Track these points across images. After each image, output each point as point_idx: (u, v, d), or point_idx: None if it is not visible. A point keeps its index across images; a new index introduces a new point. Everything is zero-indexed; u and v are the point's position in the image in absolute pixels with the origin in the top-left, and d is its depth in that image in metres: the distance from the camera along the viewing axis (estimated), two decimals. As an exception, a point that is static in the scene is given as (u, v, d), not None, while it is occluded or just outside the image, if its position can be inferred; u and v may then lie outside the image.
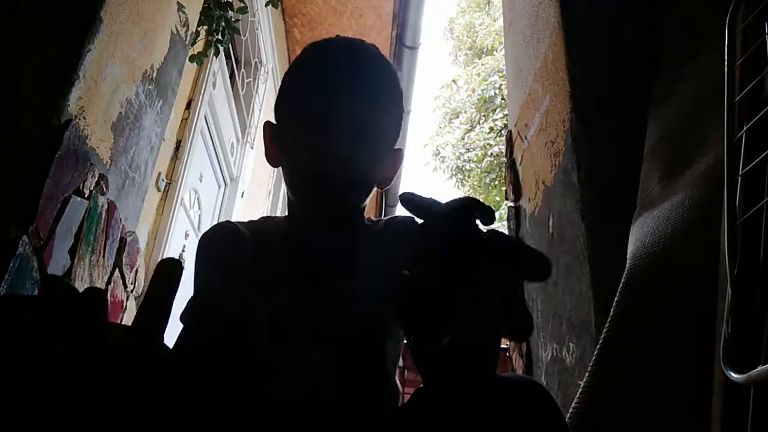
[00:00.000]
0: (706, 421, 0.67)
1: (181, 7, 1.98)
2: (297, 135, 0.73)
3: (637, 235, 0.97)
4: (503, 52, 3.40)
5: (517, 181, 1.73)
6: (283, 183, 1.44)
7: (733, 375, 0.61)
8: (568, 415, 0.87)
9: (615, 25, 1.33)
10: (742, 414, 0.61)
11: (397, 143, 0.81)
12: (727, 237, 0.71)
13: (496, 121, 9.01)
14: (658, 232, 0.90)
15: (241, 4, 2.70)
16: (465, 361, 0.43)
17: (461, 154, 9.65)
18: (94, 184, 1.46)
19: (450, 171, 9.87)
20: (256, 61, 3.80)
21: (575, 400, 0.88)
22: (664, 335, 0.82)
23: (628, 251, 0.98)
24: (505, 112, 7.27)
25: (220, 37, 2.59)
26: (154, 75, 1.80)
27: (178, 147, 2.56)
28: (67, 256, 1.38)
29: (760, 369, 0.57)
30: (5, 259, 1.15)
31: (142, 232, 2.07)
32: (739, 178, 0.72)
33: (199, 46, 2.48)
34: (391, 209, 5.89)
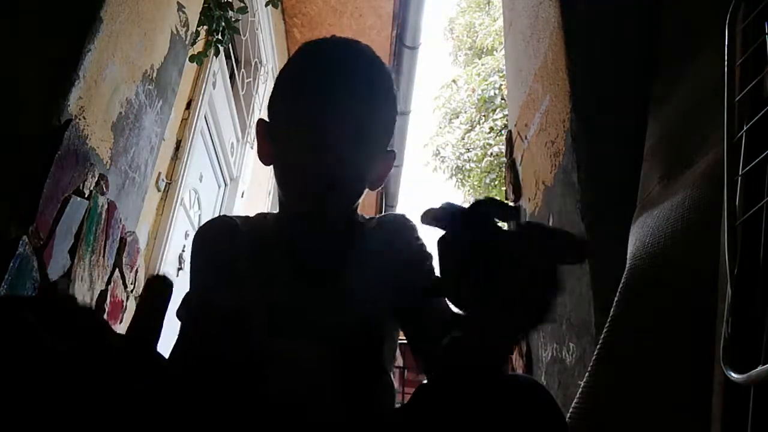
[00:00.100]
0: (706, 421, 0.67)
1: (181, 7, 1.98)
2: (290, 134, 0.73)
3: (637, 235, 0.97)
4: (503, 52, 3.40)
5: (517, 181, 1.73)
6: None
7: (733, 375, 0.61)
8: (568, 415, 0.87)
9: (615, 25, 1.33)
10: (742, 414, 0.61)
11: (392, 144, 0.82)
12: (727, 237, 0.71)
13: (496, 121, 9.00)
14: (658, 232, 0.90)
15: (241, 4, 2.70)
16: (479, 360, 0.44)
17: (461, 154, 9.64)
18: (94, 184, 1.46)
19: (450, 171, 9.86)
20: (256, 61, 3.79)
21: (575, 400, 0.88)
22: (664, 335, 0.82)
23: (628, 251, 0.98)
24: (505, 112, 7.27)
25: (220, 37, 2.59)
26: (154, 75, 1.80)
27: (178, 147, 2.56)
28: (67, 256, 1.38)
29: (760, 369, 0.57)
30: (5, 259, 1.15)
31: (142, 232, 2.07)
32: (739, 178, 0.72)
33: (199, 46, 2.48)
34: (390, 209, 5.89)
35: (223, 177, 3.53)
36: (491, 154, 9.01)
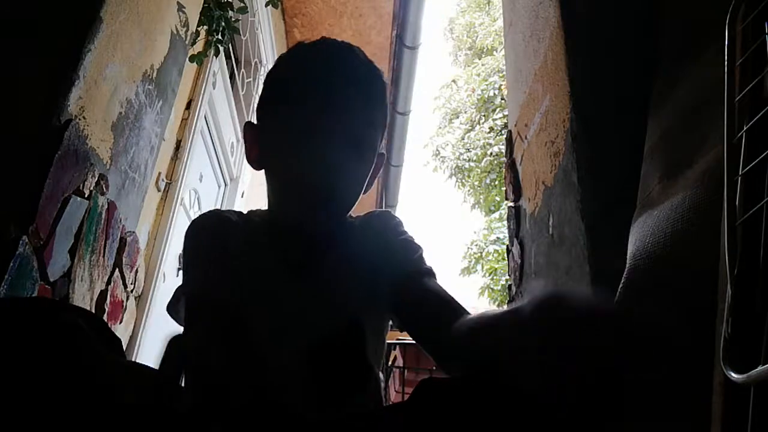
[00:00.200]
0: (706, 421, 0.67)
1: (181, 7, 1.98)
2: (284, 144, 0.72)
3: (637, 235, 0.97)
4: (503, 52, 3.40)
5: (517, 181, 1.73)
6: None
7: (733, 375, 0.61)
8: (568, 415, 0.87)
9: (615, 25, 1.33)
10: (742, 414, 0.61)
11: (385, 146, 0.82)
12: (727, 237, 0.71)
13: (496, 121, 9.01)
14: (658, 232, 0.90)
15: (241, 4, 2.70)
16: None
17: (461, 154, 9.65)
18: (94, 184, 1.46)
19: (450, 171, 9.87)
20: (256, 61, 3.79)
21: (575, 400, 0.88)
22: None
23: (628, 251, 0.98)
24: (505, 112, 7.27)
25: (220, 37, 2.59)
26: (154, 75, 1.80)
27: (178, 147, 2.56)
28: (67, 256, 1.38)
29: (760, 369, 0.57)
30: (5, 259, 1.15)
31: (142, 232, 2.07)
32: (739, 178, 0.72)
33: (199, 46, 2.48)
34: (390, 209, 5.89)
35: (223, 177, 3.53)
36: (491, 154, 9.02)
